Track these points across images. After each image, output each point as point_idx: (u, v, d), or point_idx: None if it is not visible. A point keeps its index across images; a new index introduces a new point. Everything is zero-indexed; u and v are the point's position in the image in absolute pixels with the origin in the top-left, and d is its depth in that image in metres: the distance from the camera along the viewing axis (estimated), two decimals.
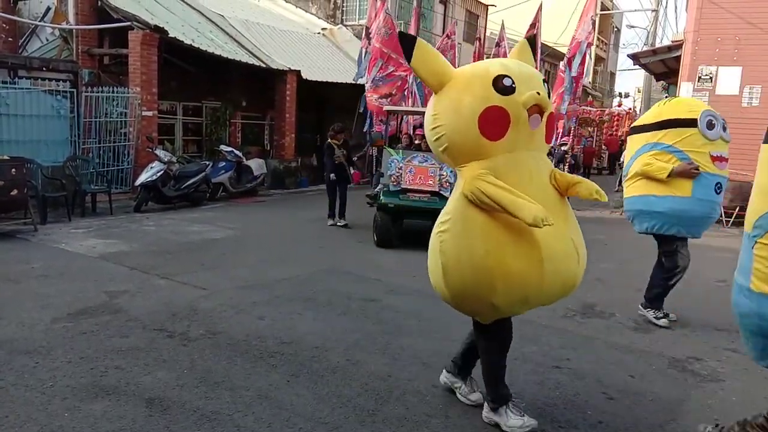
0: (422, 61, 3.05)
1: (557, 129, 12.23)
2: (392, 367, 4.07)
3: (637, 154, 5.19)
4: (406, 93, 12.30)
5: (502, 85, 2.90)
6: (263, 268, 6.67)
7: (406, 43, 3.06)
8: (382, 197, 8.17)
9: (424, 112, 10.68)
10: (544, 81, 3.21)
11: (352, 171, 10.07)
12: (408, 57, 3.06)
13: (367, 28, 11.96)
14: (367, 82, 11.70)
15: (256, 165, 13.43)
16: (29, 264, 6.29)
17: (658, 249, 5.36)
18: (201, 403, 3.38)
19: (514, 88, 2.90)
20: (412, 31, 13.65)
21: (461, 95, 2.97)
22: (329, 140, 9.83)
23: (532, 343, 4.72)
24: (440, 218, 3.12)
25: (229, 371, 3.84)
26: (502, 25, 14.20)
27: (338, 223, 9.75)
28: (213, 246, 7.73)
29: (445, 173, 8.11)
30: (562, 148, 11.81)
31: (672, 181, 4.92)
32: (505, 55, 13.48)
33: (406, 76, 11.87)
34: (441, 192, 7.99)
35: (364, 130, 14.49)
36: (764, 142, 4.96)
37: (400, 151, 8.59)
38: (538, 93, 2.90)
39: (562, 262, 2.98)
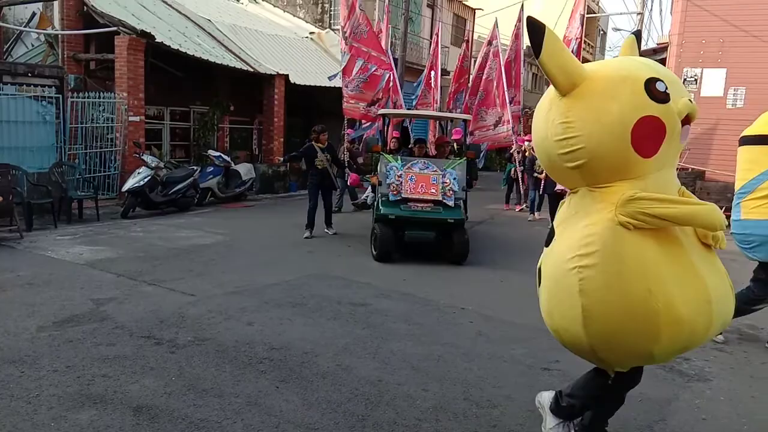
0: (553, 55, 2.53)
1: None
2: (382, 371, 4.06)
3: None
4: (391, 95, 12.12)
5: (656, 91, 2.47)
6: (252, 273, 6.64)
7: (535, 33, 2.53)
8: (381, 208, 7.58)
9: (427, 116, 10.37)
10: None
11: (346, 173, 9.70)
12: (537, 49, 2.53)
13: (343, 28, 11.27)
14: (345, 86, 11.06)
15: (245, 170, 13.38)
16: (15, 272, 6.21)
17: (755, 273, 4.86)
18: (189, 411, 3.35)
19: (668, 94, 2.49)
20: (382, 36, 13.22)
21: (606, 102, 2.49)
22: (311, 142, 9.12)
23: (521, 345, 4.73)
24: (575, 251, 2.55)
25: (218, 378, 3.82)
26: (495, 23, 14.05)
27: (327, 231, 9.22)
28: (201, 252, 7.68)
29: (448, 181, 7.71)
30: None
31: None
32: (497, 56, 13.39)
33: (390, 75, 11.54)
34: (444, 201, 7.59)
35: (354, 137, 14.40)
36: (740, 146, 5.01)
37: (398, 157, 8.10)
38: (690, 100, 2.53)
39: (722, 300, 2.56)
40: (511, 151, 13.66)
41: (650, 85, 2.47)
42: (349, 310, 5.45)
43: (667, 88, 2.48)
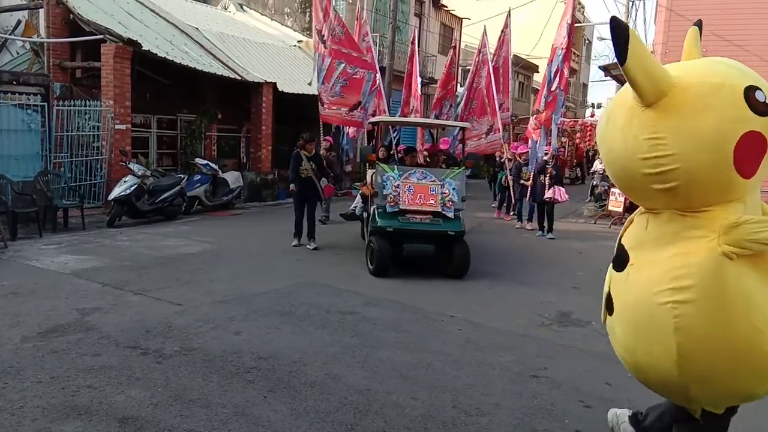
0: (640, 61, 2.23)
1: (538, 138, 12.05)
2: (371, 380, 4.05)
3: None
4: (376, 98, 11.98)
5: (756, 102, 2.17)
6: (240, 282, 6.61)
7: (620, 35, 2.21)
8: (378, 220, 7.22)
9: (424, 123, 11.16)
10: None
11: (323, 184, 9.06)
12: (621, 55, 2.22)
13: (320, 32, 10.86)
14: (324, 92, 10.77)
15: (233, 178, 13.32)
16: None
17: None
18: (176, 422, 3.32)
19: None
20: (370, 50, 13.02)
21: (700, 114, 2.19)
22: (298, 150, 8.83)
23: (510, 352, 4.74)
24: (667, 284, 2.29)
25: (205, 388, 3.79)
26: (484, 31, 14.05)
27: (308, 246, 8.74)
28: (188, 260, 7.63)
29: (447, 191, 7.33)
30: (544, 158, 11.56)
31: None
32: (486, 64, 13.34)
33: (375, 75, 11.33)
34: (444, 212, 7.22)
35: (344, 146, 14.30)
36: None
37: (395, 167, 7.69)
38: None
39: None
40: (502, 159, 13.69)
41: (749, 93, 2.18)
42: (337, 318, 5.43)
43: (766, 98, 2.20)
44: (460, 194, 7.46)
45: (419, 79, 15.13)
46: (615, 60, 2.51)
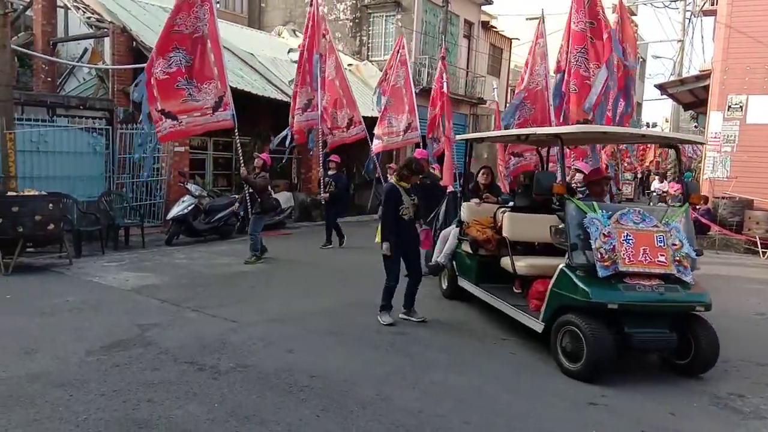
0: None
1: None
2: (423, 402, 4.01)
3: None
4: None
5: None
6: (291, 300, 6.69)
7: None
8: (586, 289, 4.65)
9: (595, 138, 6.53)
10: None
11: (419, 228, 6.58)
12: None
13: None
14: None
15: (284, 198, 13.59)
16: (64, 297, 6.41)
17: None
18: None
19: None
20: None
21: None
22: (393, 184, 6.09)
23: (564, 378, 4.61)
24: None
25: (259, 405, 3.83)
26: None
27: (414, 319, 6.09)
28: (242, 278, 7.79)
29: (678, 241, 4.85)
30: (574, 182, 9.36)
31: None
32: (404, 64, 12.06)
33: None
34: (680, 276, 4.75)
35: (370, 167, 13.59)
36: None
37: (594, 203, 5.02)
38: None
39: None
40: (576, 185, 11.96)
41: None
42: (388, 338, 5.42)
43: None
44: (692, 244, 5.02)
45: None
46: (671, 78, 2.27)
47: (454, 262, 7.04)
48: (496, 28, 25.92)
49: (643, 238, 4.77)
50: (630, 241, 4.73)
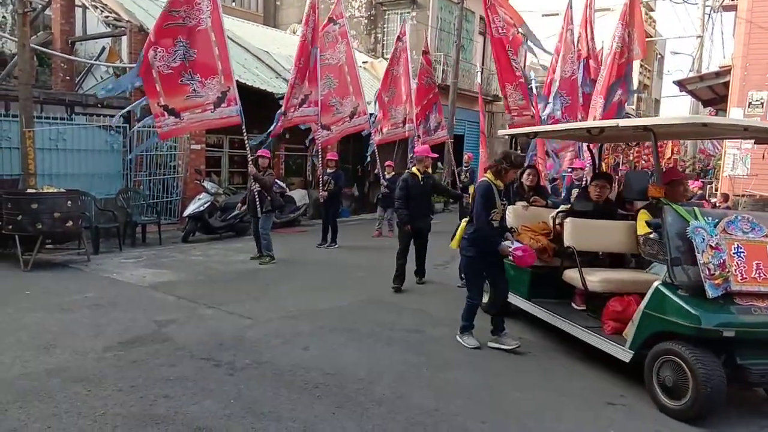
0: None
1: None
2: (438, 400, 4.00)
3: None
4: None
5: None
6: (307, 297, 6.70)
7: None
8: (697, 314, 3.89)
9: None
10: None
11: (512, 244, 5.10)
12: None
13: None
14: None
15: (299, 195, 13.64)
16: (82, 293, 6.48)
17: None
18: None
19: None
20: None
21: None
22: (488, 181, 5.13)
23: (584, 378, 4.57)
24: None
25: (275, 401, 3.84)
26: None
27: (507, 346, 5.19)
28: (258, 275, 7.83)
29: None
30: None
31: None
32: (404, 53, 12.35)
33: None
34: None
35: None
36: None
37: (695, 209, 4.28)
38: None
39: None
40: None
41: None
42: (402, 336, 5.41)
43: None
44: None
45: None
46: (690, 74, 2.15)
47: None
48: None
49: (756, 251, 4.10)
50: (741, 255, 4.06)
